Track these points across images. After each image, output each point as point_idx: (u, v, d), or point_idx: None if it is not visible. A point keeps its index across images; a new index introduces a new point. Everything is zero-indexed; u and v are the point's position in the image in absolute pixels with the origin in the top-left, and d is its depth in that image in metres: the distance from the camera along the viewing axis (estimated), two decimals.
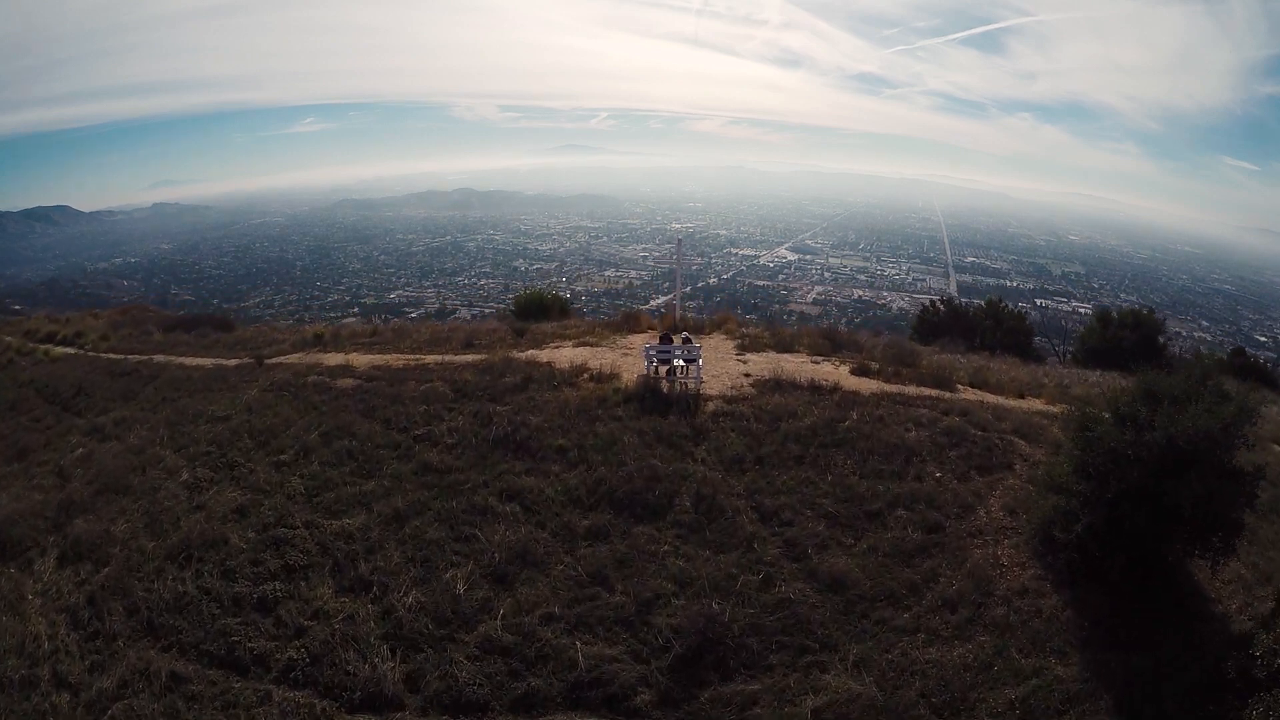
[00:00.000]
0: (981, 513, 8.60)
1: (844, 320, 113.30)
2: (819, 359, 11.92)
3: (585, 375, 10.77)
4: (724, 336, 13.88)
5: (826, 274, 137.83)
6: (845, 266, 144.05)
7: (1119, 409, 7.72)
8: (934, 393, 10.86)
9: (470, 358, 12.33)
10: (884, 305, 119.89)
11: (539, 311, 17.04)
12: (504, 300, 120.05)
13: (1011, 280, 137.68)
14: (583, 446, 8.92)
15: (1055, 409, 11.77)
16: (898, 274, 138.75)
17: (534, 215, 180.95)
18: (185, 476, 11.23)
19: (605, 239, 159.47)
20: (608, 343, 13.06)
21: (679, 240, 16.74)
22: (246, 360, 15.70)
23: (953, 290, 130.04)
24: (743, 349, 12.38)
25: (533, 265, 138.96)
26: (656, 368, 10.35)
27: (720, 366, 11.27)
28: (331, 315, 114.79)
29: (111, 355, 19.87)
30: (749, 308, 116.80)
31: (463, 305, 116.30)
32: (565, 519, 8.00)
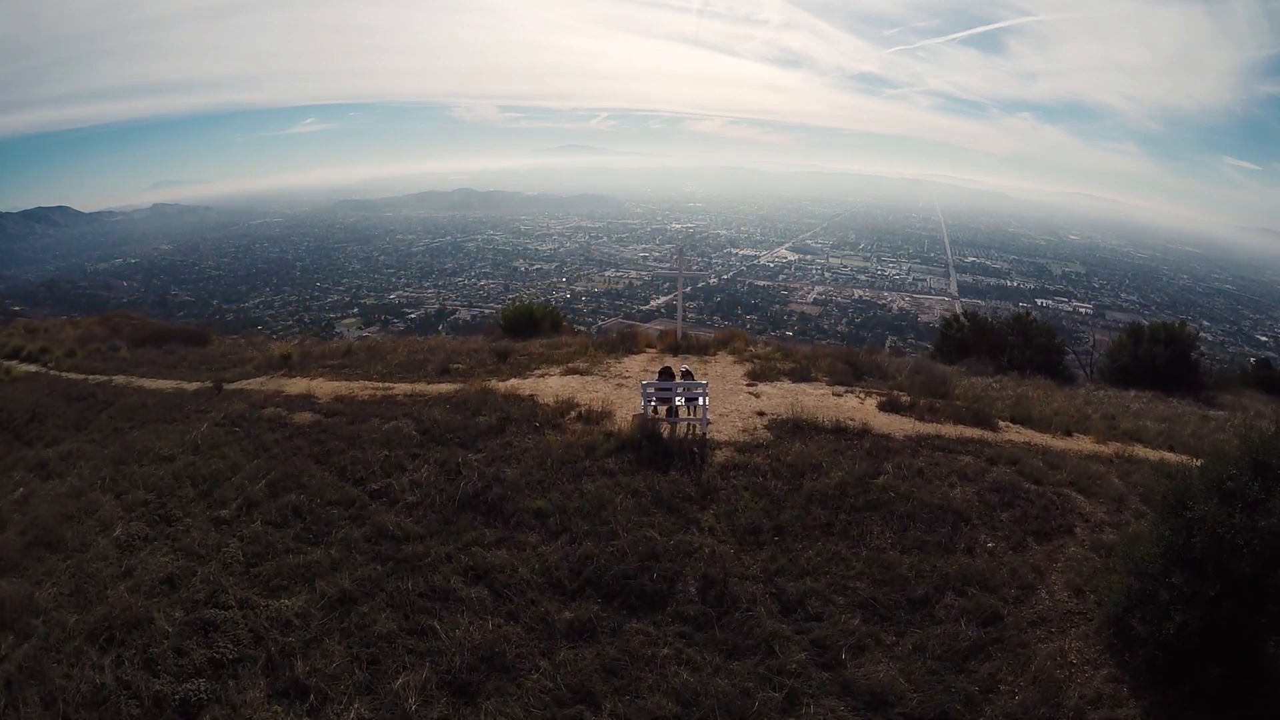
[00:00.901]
0: (1043, 594, 7.08)
1: (844, 320, 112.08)
2: (841, 390, 10.39)
3: (572, 414, 9.25)
4: (731, 359, 12.34)
5: (827, 274, 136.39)
6: (845, 266, 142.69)
7: (1224, 484, 6.20)
8: (975, 433, 9.35)
9: (444, 388, 10.80)
10: (884, 305, 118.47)
11: (528, 326, 15.50)
12: (504, 300, 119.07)
13: (1012, 280, 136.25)
14: (566, 510, 7.39)
15: (1106, 450, 10.29)
16: (898, 274, 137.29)
17: (534, 215, 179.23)
18: (119, 532, 9.76)
19: (605, 239, 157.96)
20: (600, 369, 11.52)
21: (680, 250, 15.05)
22: (207, 385, 14.22)
23: (953, 290, 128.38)
24: (754, 377, 10.84)
25: (533, 265, 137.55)
26: (655, 407, 8.83)
27: (729, 402, 9.74)
28: (331, 315, 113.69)
29: (72, 375, 18.36)
30: (749, 308, 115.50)
31: (462, 306, 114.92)
32: (543, 609, 6.49)
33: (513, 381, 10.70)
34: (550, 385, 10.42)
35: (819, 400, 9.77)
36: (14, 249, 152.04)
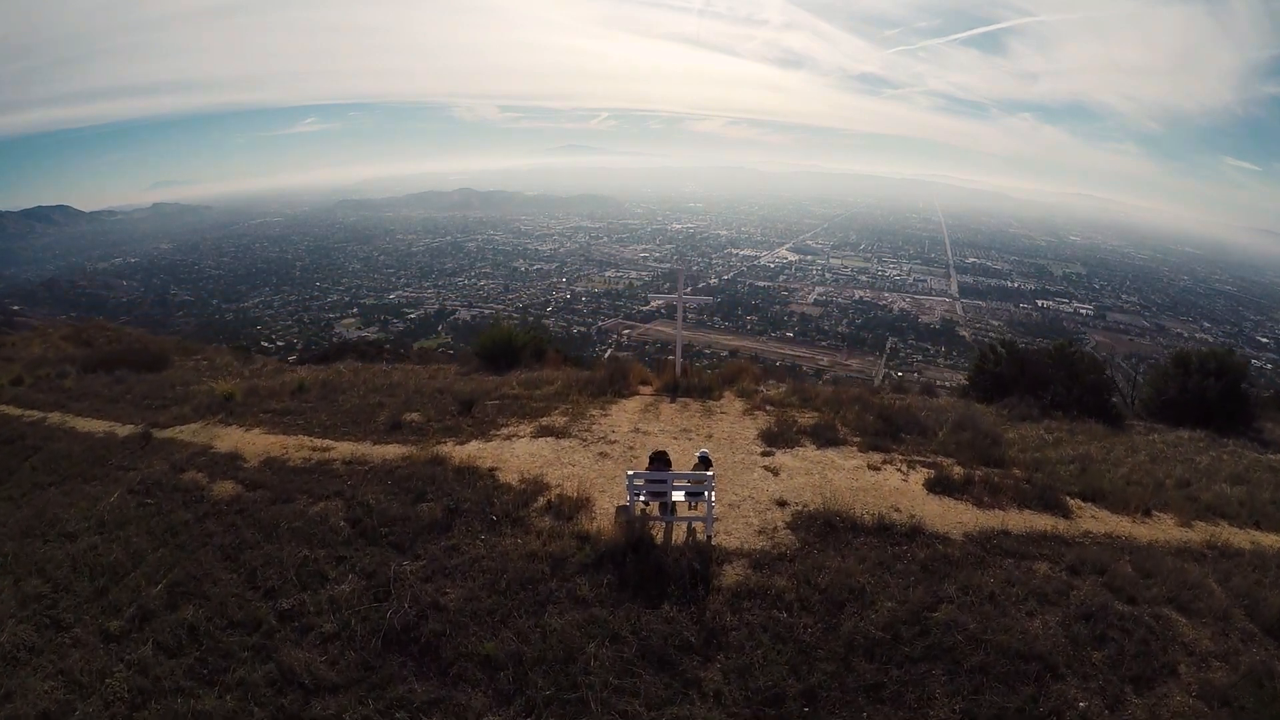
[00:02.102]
0: None
1: (845, 321, 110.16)
2: (876, 458, 8.46)
3: (540, 501, 7.31)
4: (740, 405, 10.38)
5: (827, 275, 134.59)
6: (846, 267, 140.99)
7: None
8: (1047, 523, 7.43)
9: (391, 451, 8.87)
10: (885, 306, 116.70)
11: (508, 354, 13.51)
12: (504, 300, 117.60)
13: (1013, 281, 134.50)
14: (522, 660, 5.47)
15: (1194, 536, 8.39)
16: (899, 274, 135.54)
17: (534, 215, 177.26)
18: (5, 636, 7.95)
19: (605, 239, 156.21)
20: (581, 425, 9.55)
21: (680, 272, 13.03)
22: (139, 430, 12.36)
23: (954, 291, 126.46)
24: (769, 440, 8.89)
25: (533, 266, 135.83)
26: (646, 503, 6.87)
27: (742, 481, 7.80)
28: (331, 316, 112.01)
29: (9, 410, 16.44)
30: (749, 308, 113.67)
31: (462, 306, 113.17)
32: None
33: (473, 446, 8.76)
34: (517, 453, 8.47)
35: (852, 477, 7.84)
36: (14, 248, 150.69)
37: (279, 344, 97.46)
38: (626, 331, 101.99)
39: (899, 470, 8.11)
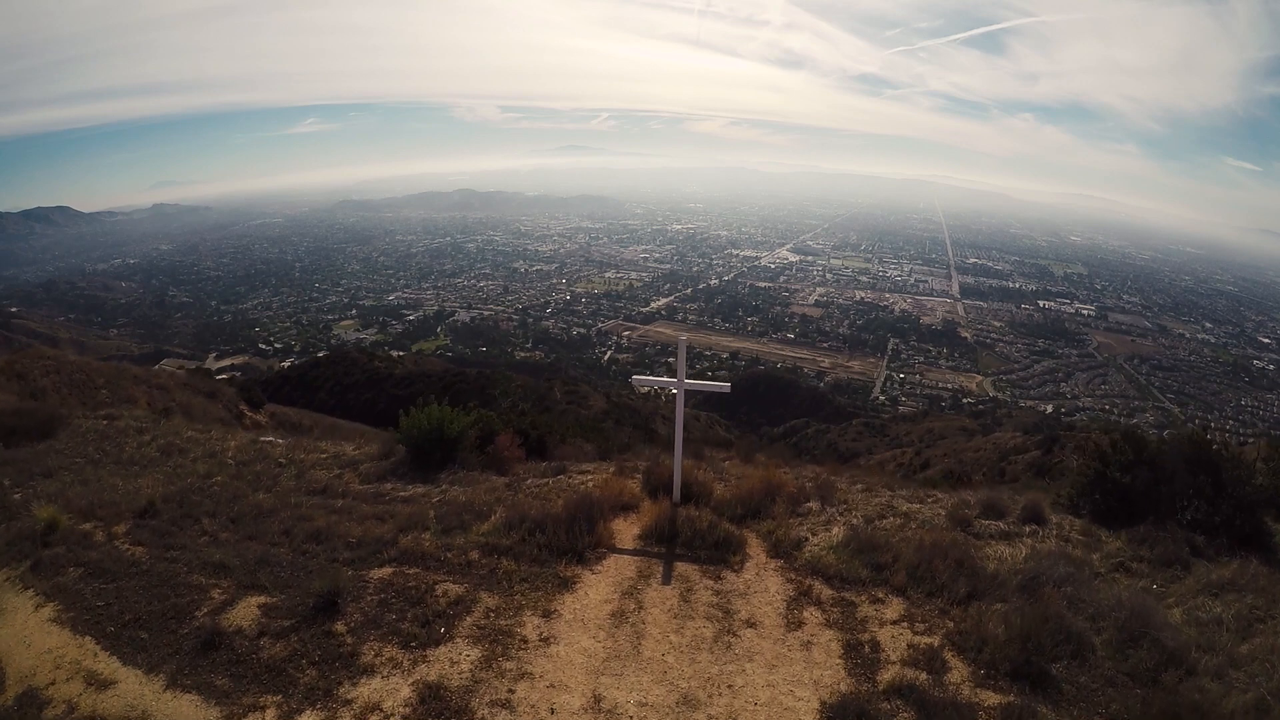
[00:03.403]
0: None
1: (846, 323, 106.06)
2: None
3: None
4: (777, 585, 6.08)
5: (828, 275, 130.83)
6: (847, 268, 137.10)
7: None
8: None
9: (182, 716, 4.78)
10: (886, 307, 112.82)
11: (438, 446, 9.18)
12: (503, 301, 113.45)
13: (1014, 281, 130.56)
14: None
15: None
16: (900, 275, 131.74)
17: (534, 216, 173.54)
18: None
19: (606, 240, 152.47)
20: (498, 675, 5.21)
21: (682, 343, 8.46)
22: None
23: (955, 291, 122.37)
24: (838, 711, 4.74)
25: (532, 267, 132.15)
26: None
27: None
28: (329, 318, 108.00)
29: None
30: (750, 309, 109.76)
31: (461, 307, 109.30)
32: None
33: None
34: None
35: None
36: (14, 249, 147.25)
37: (277, 346, 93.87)
38: (626, 333, 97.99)
39: None
